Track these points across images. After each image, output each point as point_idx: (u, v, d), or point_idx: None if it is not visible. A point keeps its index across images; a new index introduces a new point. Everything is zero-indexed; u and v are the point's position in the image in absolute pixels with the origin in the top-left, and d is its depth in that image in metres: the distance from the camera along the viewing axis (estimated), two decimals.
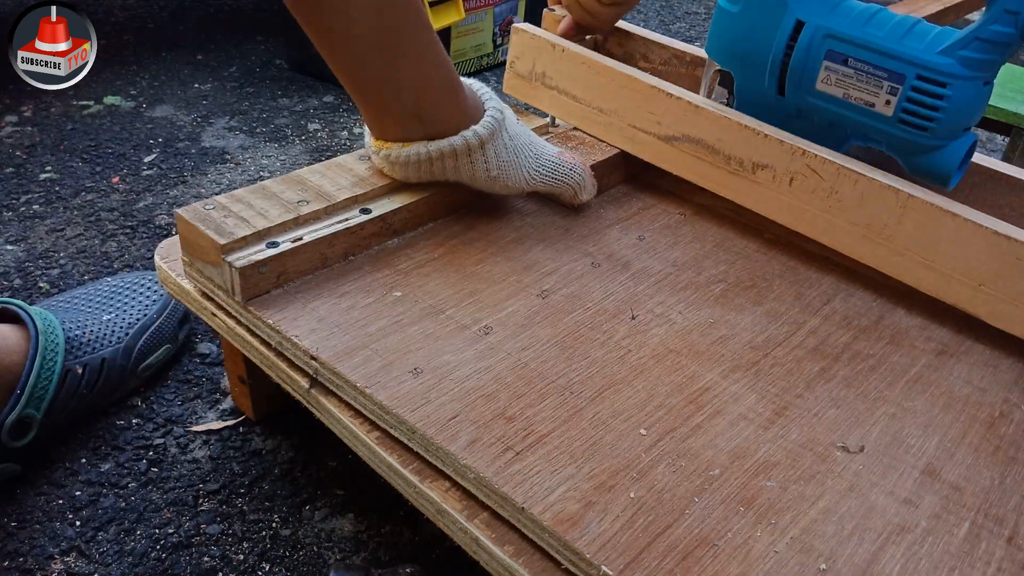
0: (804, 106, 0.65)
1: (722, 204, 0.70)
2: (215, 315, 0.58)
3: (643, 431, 0.48)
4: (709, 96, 0.71)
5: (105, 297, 0.75)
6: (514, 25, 0.77)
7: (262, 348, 0.55)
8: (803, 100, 0.65)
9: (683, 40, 1.52)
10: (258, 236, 0.56)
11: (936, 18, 1.25)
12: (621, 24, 0.82)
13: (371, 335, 0.53)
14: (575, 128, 0.75)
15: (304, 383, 0.52)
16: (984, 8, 0.57)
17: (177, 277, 0.61)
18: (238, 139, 1.18)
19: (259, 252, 0.55)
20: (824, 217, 0.63)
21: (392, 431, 0.49)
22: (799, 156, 0.62)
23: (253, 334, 0.56)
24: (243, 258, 0.54)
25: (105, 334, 0.71)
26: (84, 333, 0.69)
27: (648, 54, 0.80)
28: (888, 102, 0.60)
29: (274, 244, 0.56)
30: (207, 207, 0.58)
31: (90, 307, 0.73)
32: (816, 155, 0.62)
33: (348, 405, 0.51)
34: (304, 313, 0.54)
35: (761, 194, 0.65)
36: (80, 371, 0.66)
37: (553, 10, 0.79)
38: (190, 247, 0.57)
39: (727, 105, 0.69)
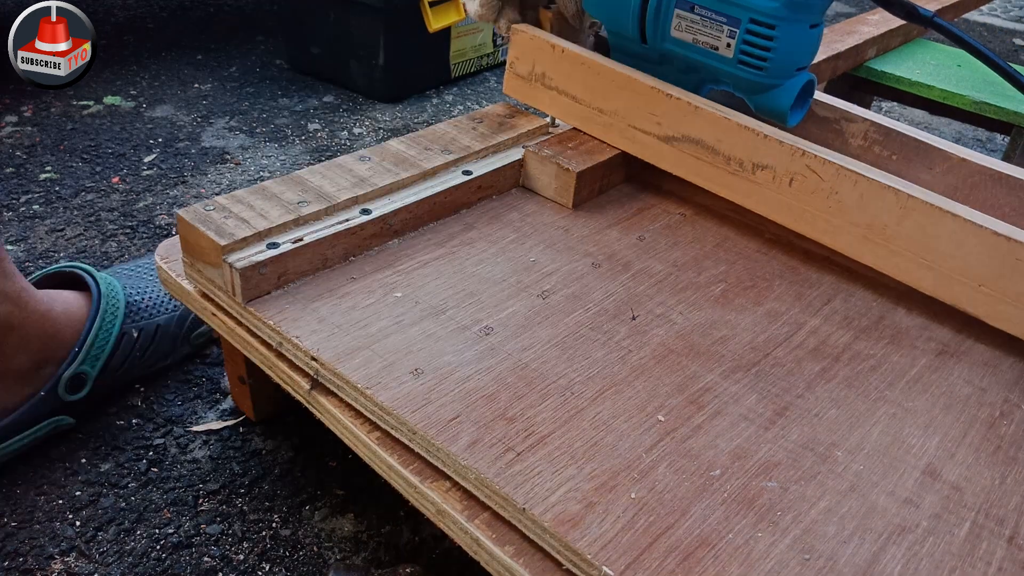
0: (664, 52, 0.71)
1: (722, 204, 0.70)
2: (215, 316, 0.58)
3: (644, 431, 0.48)
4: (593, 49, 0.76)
5: None
6: (514, 26, 0.77)
7: (263, 349, 0.55)
8: (662, 47, 0.71)
9: None
10: (258, 237, 0.56)
11: (961, 7, 1.25)
12: None
13: (372, 336, 0.53)
14: (575, 129, 0.75)
15: (305, 384, 0.52)
16: None
17: (177, 277, 0.61)
18: (238, 139, 1.18)
19: (259, 253, 0.55)
20: (824, 217, 0.63)
21: (393, 432, 0.49)
22: (799, 156, 0.62)
23: (254, 335, 0.55)
24: (243, 259, 0.54)
25: (162, 302, 0.75)
26: (143, 299, 0.74)
27: None
28: (728, 45, 0.66)
29: (274, 245, 0.56)
30: (207, 208, 0.58)
31: (151, 275, 0.77)
32: (816, 155, 0.62)
33: (349, 406, 0.51)
34: (305, 314, 0.54)
35: (761, 194, 0.65)
36: (136, 335, 0.70)
37: (549, 7, 0.78)
38: (190, 248, 0.57)
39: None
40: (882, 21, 1.18)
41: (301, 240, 0.57)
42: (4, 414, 0.64)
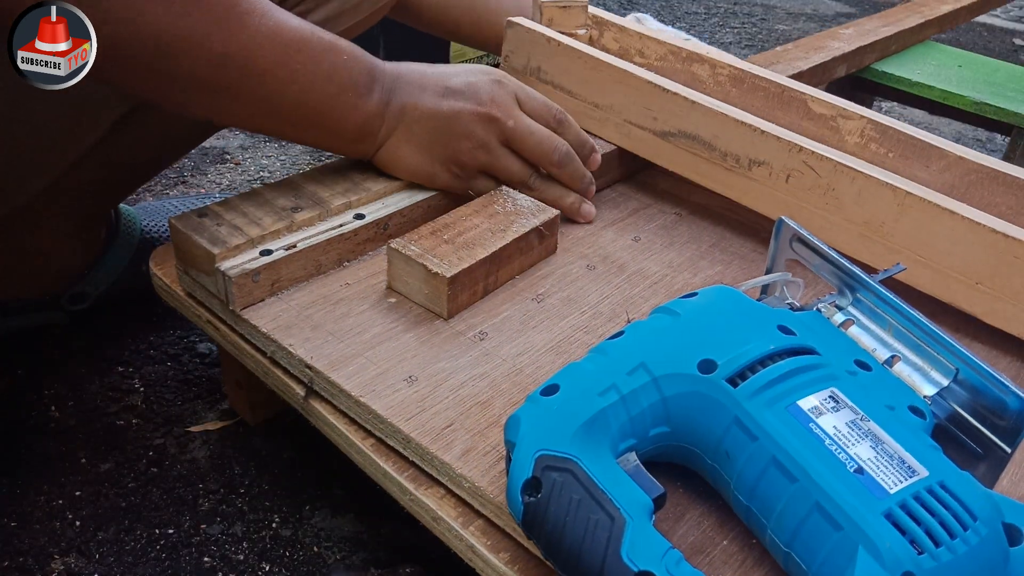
0: None
1: (718, 203, 0.70)
2: (210, 322, 0.58)
3: None
4: None
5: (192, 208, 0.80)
6: (509, 19, 0.76)
7: (257, 356, 0.55)
8: None
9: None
10: (251, 244, 0.56)
11: (947, 20, 1.24)
12: (617, 19, 0.82)
13: (366, 343, 0.53)
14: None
15: (300, 391, 0.53)
16: None
17: (171, 284, 0.61)
18: (238, 139, 1.18)
19: (253, 260, 0.55)
20: (821, 215, 0.62)
21: (387, 440, 0.49)
22: (796, 152, 0.62)
23: (248, 342, 0.55)
24: (236, 267, 0.54)
25: None
26: (160, 238, 0.81)
27: (644, 49, 0.80)
28: None
29: (268, 252, 0.56)
30: (200, 215, 0.58)
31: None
32: (813, 151, 0.61)
33: (344, 413, 0.51)
34: (299, 321, 0.54)
35: (757, 191, 0.65)
36: (144, 270, 0.77)
37: None
38: (184, 256, 0.57)
39: None
40: (882, 26, 1.17)
41: (295, 246, 0.57)
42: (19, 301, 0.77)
